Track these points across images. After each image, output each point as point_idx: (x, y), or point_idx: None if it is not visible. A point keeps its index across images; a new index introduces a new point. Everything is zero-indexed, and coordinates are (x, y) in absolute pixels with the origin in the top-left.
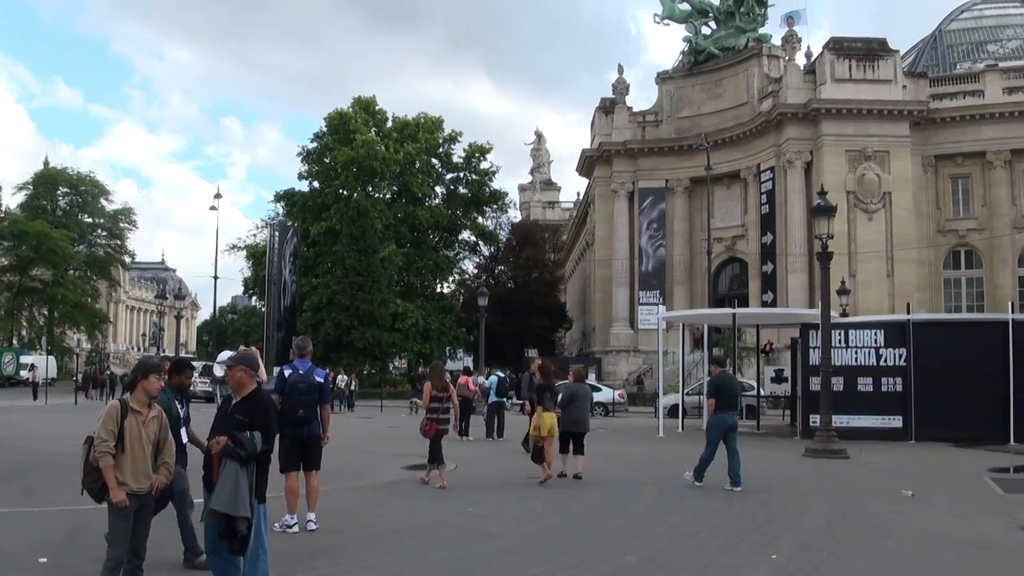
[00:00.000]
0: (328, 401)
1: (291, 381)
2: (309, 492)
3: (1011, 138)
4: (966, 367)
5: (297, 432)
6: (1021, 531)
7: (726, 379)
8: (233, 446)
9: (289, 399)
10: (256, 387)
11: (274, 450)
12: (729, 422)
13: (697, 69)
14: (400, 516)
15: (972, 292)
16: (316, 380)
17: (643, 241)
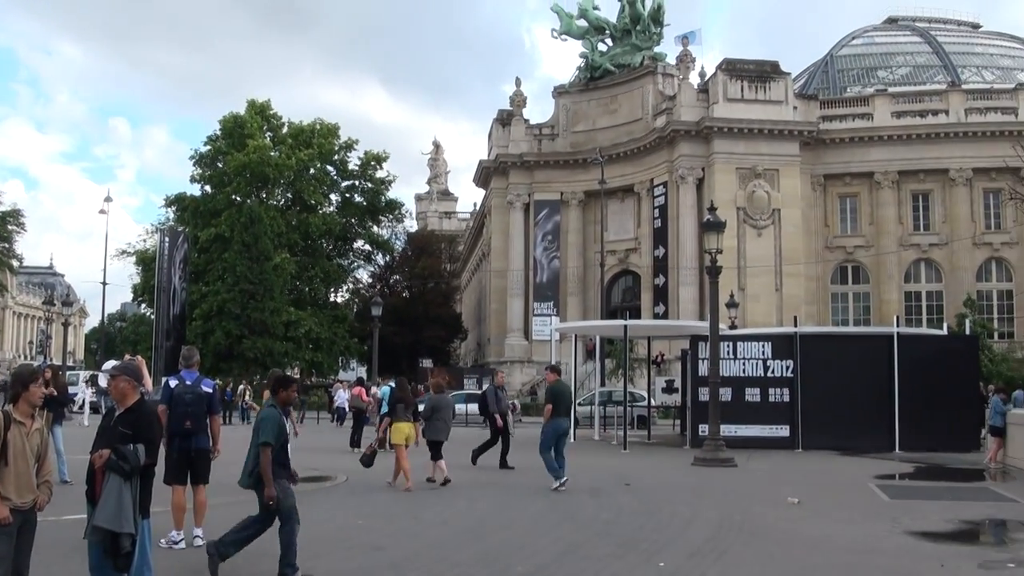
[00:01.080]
0: (218, 412)
1: (177, 392)
2: (196, 507)
3: (898, 160)
4: (852, 378)
5: (185, 445)
6: (905, 535)
7: (562, 388)
8: (116, 459)
9: (175, 411)
10: (140, 398)
11: (159, 463)
12: (563, 427)
13: (593, 85)
14: None
15: (859, 306)
16: (204, 391)
17: (538, 253)
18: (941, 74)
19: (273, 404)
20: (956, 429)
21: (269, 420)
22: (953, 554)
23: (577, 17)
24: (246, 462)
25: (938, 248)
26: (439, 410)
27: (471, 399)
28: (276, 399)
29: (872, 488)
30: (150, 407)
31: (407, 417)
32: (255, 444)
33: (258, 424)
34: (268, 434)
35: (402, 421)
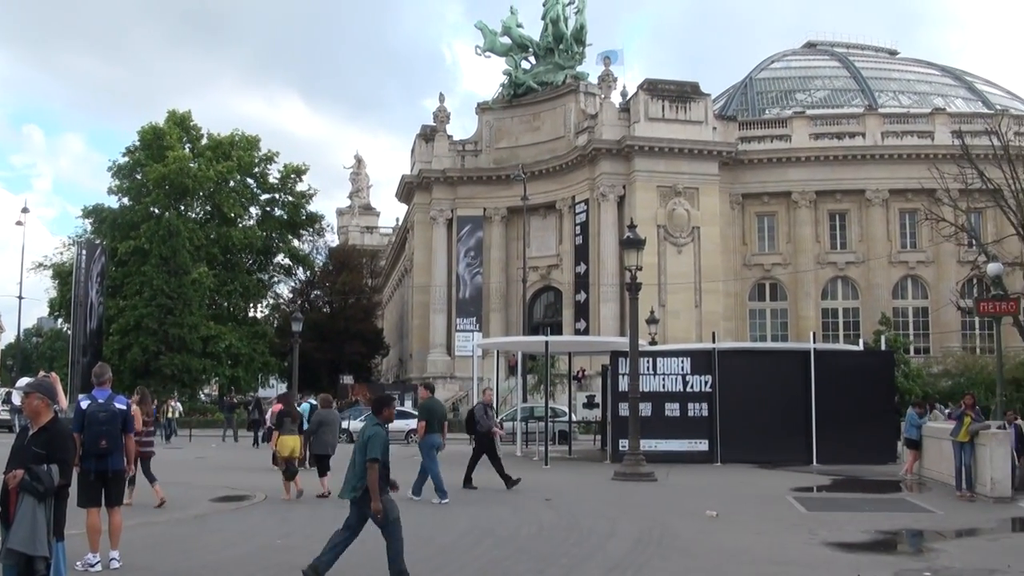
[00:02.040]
0: (131, 431)
1: (90, 412)
2: (112, 529)
3: (816, 180)
4: (770, 393)
5: (101, 466)
6: (822, 546)
7: (434, 404)
8: (30, 480)
9: (90, 430)
10: (53, 417)
11: (72, 484)
12: (437, 442)
13: (516, 102)
14: (208, 551)
15: (777, 323)
16: (117, 408)
17: (461, 268)
18: (859, 98)
19: (377, 423)
20: (873, 442)
21: (377, 438)
22: (870, 563)
23: (501, 34)
24: (349, 475)
25: (855, 266)
26: (325, 424)
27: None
28: (380, 418)
29: (790, 500)
30: (63, 426)
31: (293, 431)
32: (360, 460)
33: (365, 441)
34: (376, 451)
35: (288, 435)
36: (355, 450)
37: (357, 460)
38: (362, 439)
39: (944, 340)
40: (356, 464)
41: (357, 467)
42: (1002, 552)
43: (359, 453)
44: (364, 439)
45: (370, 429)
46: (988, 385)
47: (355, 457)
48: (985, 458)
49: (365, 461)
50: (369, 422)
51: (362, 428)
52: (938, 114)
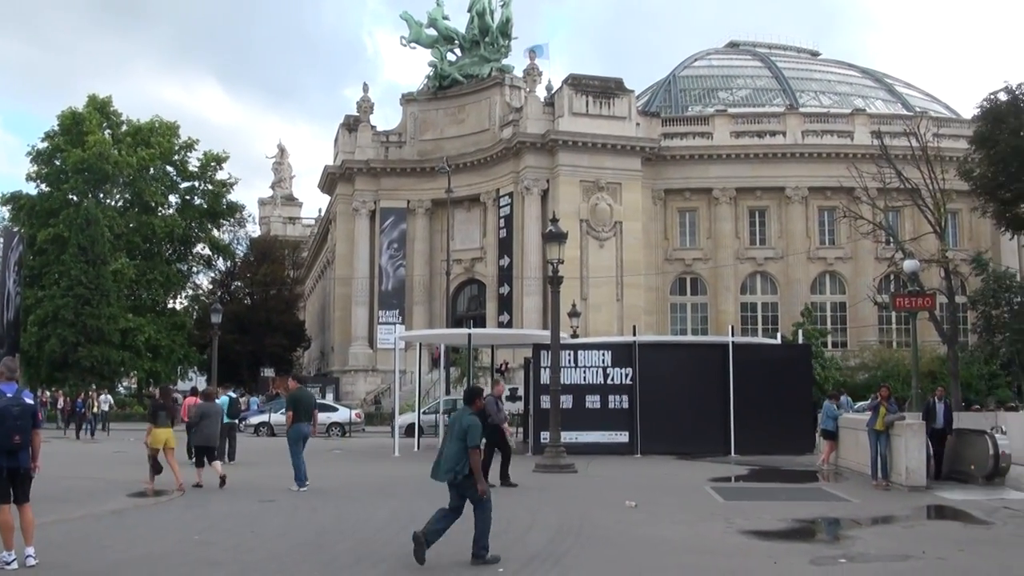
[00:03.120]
0: (40, 426)
1: (3, 407)
2: (24, 526)
3: (736, 177)
4: (690, 386)
5: (12, 463)
6: (739, 535)
7: (303, 394)
8: None
9: (3, 426)
10: None
11: None
12: (304, 431)
13: (441, 94)
14: (125, 547)
15: (697, 316)
16: (27, 403)
17: (384, 261)
18: (780, 97)
19: (472, 412)
20: (790, 433)
21: (475, 427)
22: (786, 551)
23: (426, 26)
24: (444, 460)
25: (774, 262)
26: (206, 417)
27: (325, 409)
28: (472, 407)
29: (708, 491)
30: None
31: (167, 423)
32: (458, 447)
33: (465, 429)
34: (476, 439)
35: (161, 427)
36: (450, 437)
37: (453, 446)
38: (460, 428)
39: (861, 334)
40: (452, 450)
41: (453, 453)
42: (917, 539)
43: (456, 440)
44: (463, 428)
45: (466, 419)
46: (904, 377)
47: (450, 444)
48: (900, 448)
49: (463, 448)
50: (464, 412)
51: (456, 417)
52: (858, 115)
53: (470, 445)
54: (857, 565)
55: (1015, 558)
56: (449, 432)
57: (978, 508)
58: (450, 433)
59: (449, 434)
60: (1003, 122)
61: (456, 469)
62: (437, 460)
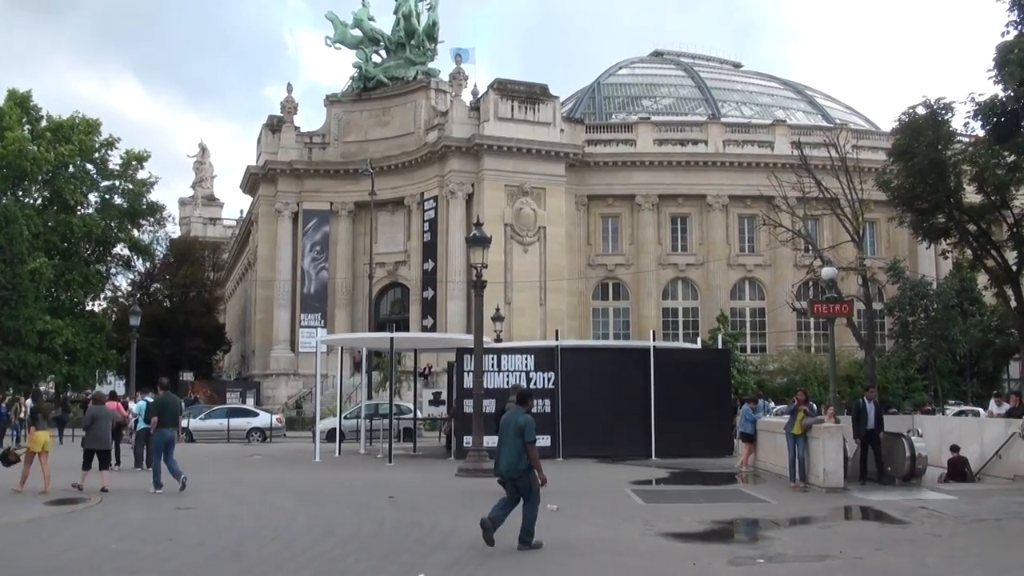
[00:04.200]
0: None
1: None
2: None
3: (659, 184)
4: (611, 390)
5: None
6: (659, 537)
7: (168, 400)
8: None
9: None
10: None
11: None
12: (168, 436)
13: (366, 95)
14: (42, 556)
15: (619, 321)
16: None
17: (306, 263)
18: (703, 107)
19: (526, 411)
20: (710, 436)
21: (530, 425)
22: (705, 552)
23: (352, 27)
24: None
25: (695, 268)
26: (97, 420)
27: (235, 413)
28: (525, 407)
29: (628, 493)
30: None
31: (45, 426)
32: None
33: (522, 427)
34: (532, 434)
35: (41, 430)
36: (509, 435)
37: (512, 444)
38: (515, 426)
39: (780, 339)
40: (512, 447)
41: (513, 449)
42: (834, 539)
43: (515, 437)
44: (519, 426)
45: (521, 418)
46: (822, 382)
47: (509, 442)
48: (818, 450)
49: (522, 444)
50: (517, 411)
51: (510, 417)
52: (779, 125)
53: (528, 440)
54: (775, 565)
55: (931, 556)
56: (504, 432)
57: (895, 508)
58: (505, 433)
59: (504, 434)
60: (921, 135)
61: (517, 464)
62: (496, 459)
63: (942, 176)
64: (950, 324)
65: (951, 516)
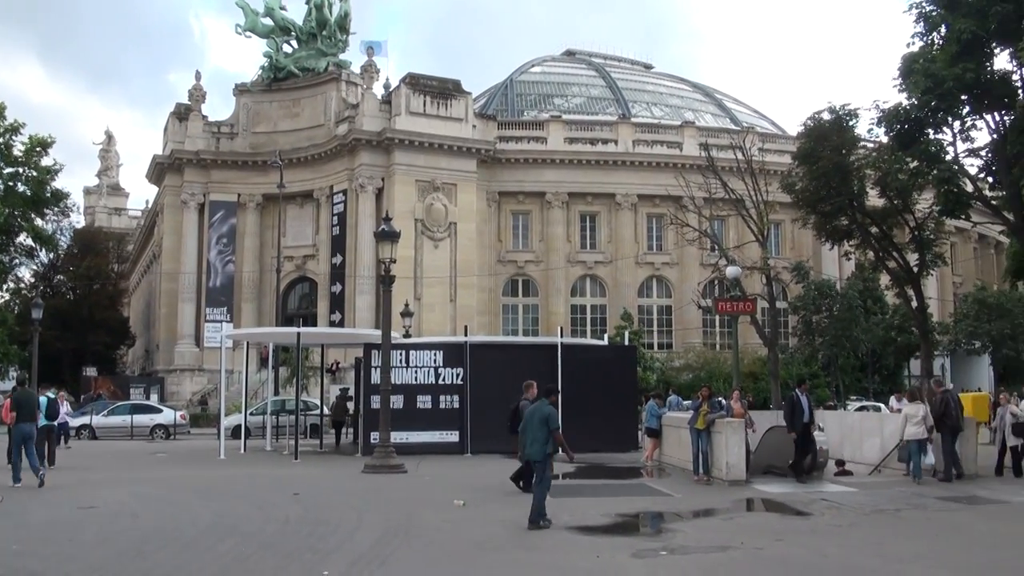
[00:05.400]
0: None
1: None
2: None
3: (569, 182)
4: (520, 385)
5: None
6: (564, 531)
7: (26, 395)
8: None
9: None
10: None
11: None
12: (27, 431)
13: (276, 86)
14: None
15: (528, 317)
16: None
17: (212, 256)
18: (613, 107)
19: (549, 403)
20: (615, 431)
21: (554, 415)
22: (609, 546)
23: (263, 15)
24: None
25: (603, 266)
26: None
27: (138, 410)
28: (549, 400)
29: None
30: None
31: None
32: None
33: (546, 416)
34: (557, 422)
35: None
36: (533, 425)
37: (537, 433)
38: (540, 416)
39: (686, 336)
40: (537, 435)
41: (539, 436)
42: (736, 530)
43: (541, 427)
44: (544, 416)
45: (545, 409)
46: (726, 378)
47: (533, 431)
48: (721, 445)
49: (548, 432)
50: (542, 404)
51: (535, 409)
52: (687, 127)
53: (553, 427)
54: (677, 557)
55: (831, 546)
56: (529, 422)
57: (796, 500)
58: (530, 423)
59: (529, 423)
60: (826, 140)
61: (541, 450)
62: (522, 446)
63: (846, 180)
64: (852, 323)
65: (851, 507)
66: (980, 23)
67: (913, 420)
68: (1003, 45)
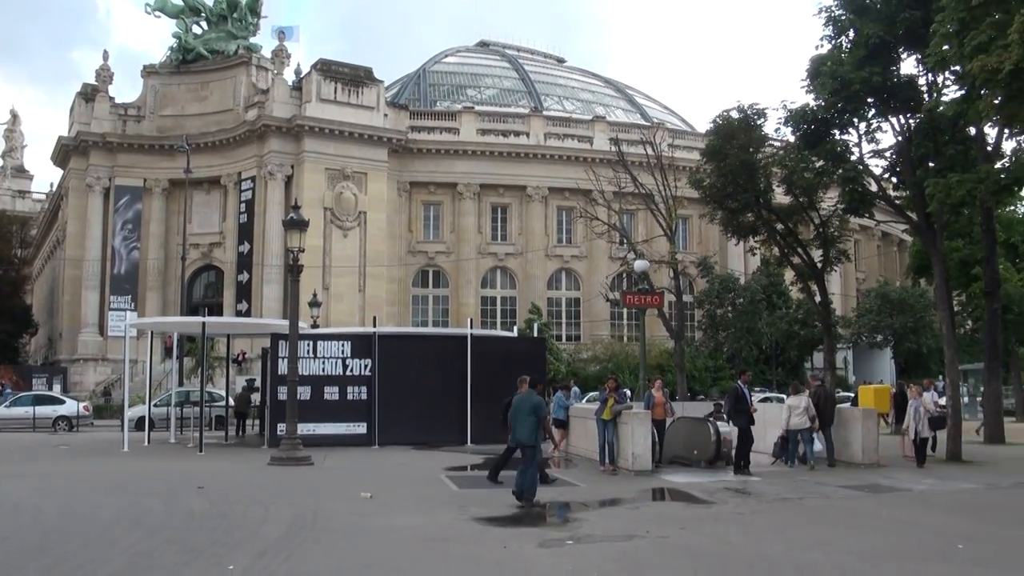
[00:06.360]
0: None
1: None
2: None
3: (481, 173)
4: (429, 376)
5: None
6: (472, 522)
7: None
8: None
9: None
10: None
11: None
12: None
13: (185, 68)
14: None
15: (438, 308)
16: None
17: (117, 242)
18: (526, 99)
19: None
20: None
21: (542, 403)
22: (516, 536)
23: None
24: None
25: (514, 257)
26: None
27: (40, 401)
28: (536, 391)
29: (443, 479)
30: None
31: None
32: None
33: (535, 405)
34: (544, 410)
35: None
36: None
37: (526, 420)
38: (530, 405)
39: (594, 328)
40: (526, 422)
41: (528, 423)
42: (641, 519)
43: (529, 415)
44: (533, 405)
45: (534, 398)
46: (632, 370)
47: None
48: (627, 435)
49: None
50: (530, 394)
51: (523, 399)
52: (598, 121)
53: (541, 415)
54: (584, 546)
55: (734, 534)
56: (518, 410)
57: (700, 490)
58: (519, 411)
59: (518, 411)
60: (734, 137)
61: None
62: (512, 433)
63: (752, 177)
64: (756, 317)
65: (754, 496)
66: (888, 28)
67: (796, 411)
68: (910, 50)
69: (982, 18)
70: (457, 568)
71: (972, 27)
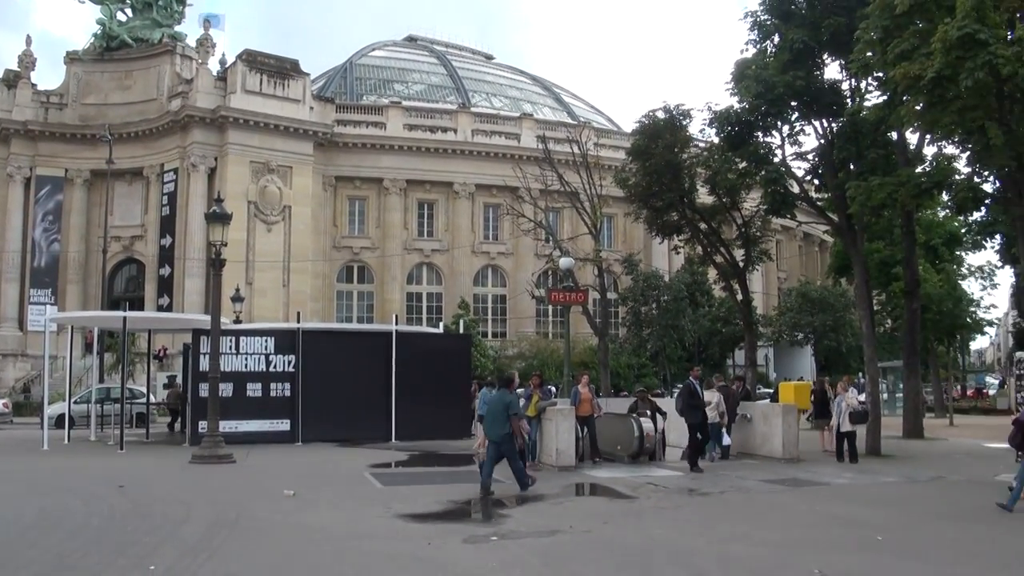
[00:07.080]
0: None
1: None
2: None
3: (407, 169)
4: (353, 373)
5: None
6: (396, 519)
7: None
8: None
9: None
10: None
11: None
12: None
13: (109, 55)
14: None
15: (363, 304)
16: None
17: (37, 234)
18: (453, 95)
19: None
20: (449, 419)
21: (515, 402)
22: (440, 532)
23: None
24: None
25: (440, 254)
26: None
27: None
28: (509, 388)
29: (367, 477)
30: None
31: None
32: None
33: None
34: (517, 408)
35: None
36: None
37: (497, 415)
38: (502, 403)
39: (520, 325)
40: (497, 418)
41: (498, 419)
42: (565, 514)
43: (502, 412)
44: (506, 403)
45: (507, 397)
46: (557, 366)
47: (495, 415)
48: (551, 432)
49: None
50: (503, 393)
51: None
52: (526, 119)
53: (513, 412)
54: (508, 541)
55: (656, 527)
56: (491, 408)
57: (624, 485)
58: (492, 409)
59: (491, 409)
60: (659, 137)
61: (502, 432)
62: (485, 428)
63: (677, 177)
64: (679, 314)
65: (676, 490)
66: (812, 34)
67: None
68: (834, 56)
69: (906, 26)
70: (380, 565)
71: (895, 35)
